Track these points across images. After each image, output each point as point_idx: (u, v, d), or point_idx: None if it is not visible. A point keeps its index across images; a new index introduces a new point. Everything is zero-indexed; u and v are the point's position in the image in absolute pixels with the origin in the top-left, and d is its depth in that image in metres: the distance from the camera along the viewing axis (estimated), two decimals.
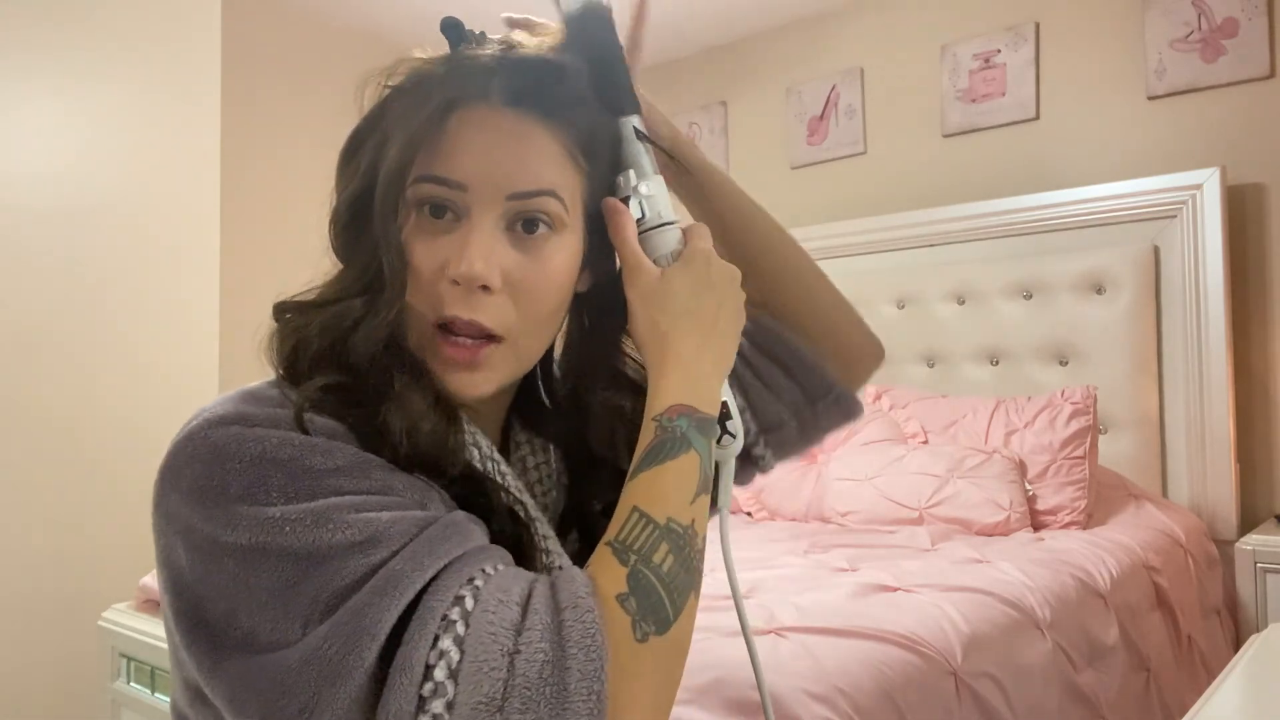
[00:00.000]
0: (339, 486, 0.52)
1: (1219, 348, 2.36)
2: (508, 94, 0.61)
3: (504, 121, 0.61)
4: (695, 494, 0.57)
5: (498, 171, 0.60)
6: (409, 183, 0.59)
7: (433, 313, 0.60)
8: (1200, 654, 2.09)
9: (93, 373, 2.18)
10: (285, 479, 0.51)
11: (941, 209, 2.85)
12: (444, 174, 0.59)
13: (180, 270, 2.34)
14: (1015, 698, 1.41)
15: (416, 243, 0.60)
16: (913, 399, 2.66)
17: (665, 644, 0.52)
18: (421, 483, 0.56)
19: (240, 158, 2.92)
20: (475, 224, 0.59)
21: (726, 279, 0.65)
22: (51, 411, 2.12)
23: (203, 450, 0.53)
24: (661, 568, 0.53)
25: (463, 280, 0.58)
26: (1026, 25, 2.81)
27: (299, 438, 0.53)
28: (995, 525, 2.15)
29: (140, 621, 1.79)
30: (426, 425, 0.57)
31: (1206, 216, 2.38)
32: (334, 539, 0.49)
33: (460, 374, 0.61)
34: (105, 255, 2.21)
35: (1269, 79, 2.42)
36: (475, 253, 0.58)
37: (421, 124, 0.59)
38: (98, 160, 2.21)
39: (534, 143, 0.61)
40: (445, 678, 0.47)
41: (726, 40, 3.52)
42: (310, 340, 0.59)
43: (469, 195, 0.59)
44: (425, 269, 0.59)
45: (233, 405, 0.55)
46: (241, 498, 0.51)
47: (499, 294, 0.60)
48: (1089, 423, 2.28)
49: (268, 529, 0.50)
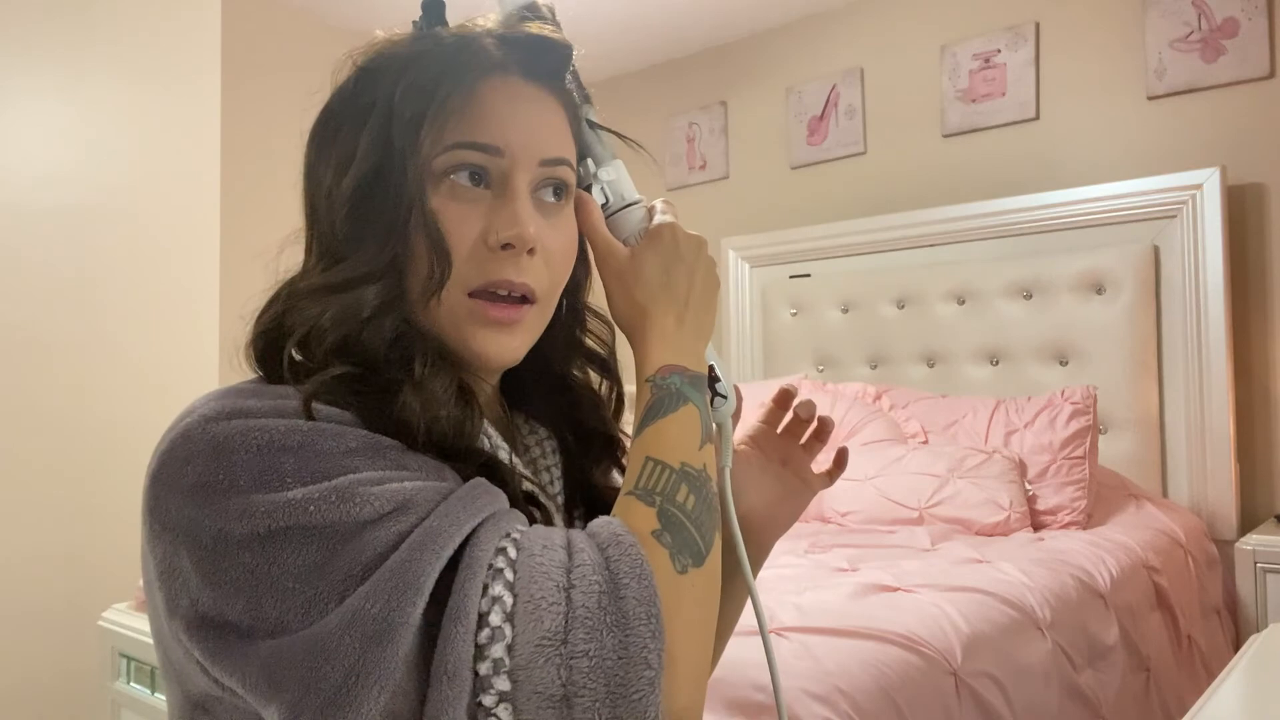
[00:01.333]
0: (354, 465, 0.51)
1: (1219, 348, 2.36)
2: (523, 65, 0.63)
3: (528, 89, 0.63)
4: (701, 442, 0.58)
5: (532, 137, 0.61)
6: (438, 153, 0.59)
7: (475, 279, 0.59)
8: (1200, 654, 2.09)
9: (92, 373, 2.18)
10: (298, 463, 0.50)
11: (941, 209, 2.85)
12: (480, 140, 0.59)
13: (180, 270, 2.34)
14: (1015, 698, 1.41)
15: (451, 215, 0.59)
16: (913, 399, 2.66)
17: (703, 576, 0.53)
18: (435, 463, 0.55)
19: (240, 158, 2.92)
20: (517, 188, 0.60)
21: (694, 248, 0.66)
22: (51, 411, 2.12)
23: (202, 447, 0.51)
24: (686, 505, 0.54)
25: (517, 243, 0.59)
26: (1026, 25, 2.81)
27: (306, 424, 0.52)
28: (995, 525, 2.15)
29: (140, 621, 1.79)
30: (445, 413, 0.57)
31: (1206, 216, 2.38)
32: (361, 513, 0.48)
33: (502, 336, 0.60)
34: (105, 255, 2.21)
35: (1269, 79, 2.42)
36: (527, 216, 0.59)
37: (453, 95, 0.59)
38: (97, 160, 2.21)
39: (552, 113, 0.64)
40: (502, 621, 0.47)
41: (726, 40, 3.52)
42: (324, 331, 0.57)
43: (505, 160, 0.60)
44: (464, 237, 0.59)
45: (229, 400, 0.53)
46: (253, 487, 0.49)
47: (537, 258, 0.61)
48: (1089, 423, 2.28)
49: (288, 512, 0.48)
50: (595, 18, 3.26)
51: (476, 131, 0.59)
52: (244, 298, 0.66)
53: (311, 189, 0.63)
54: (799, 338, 3.14)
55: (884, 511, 2.27)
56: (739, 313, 3.35)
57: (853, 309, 3.02)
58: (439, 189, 0.59)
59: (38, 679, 2.08)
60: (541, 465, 0.70)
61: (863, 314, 2.99)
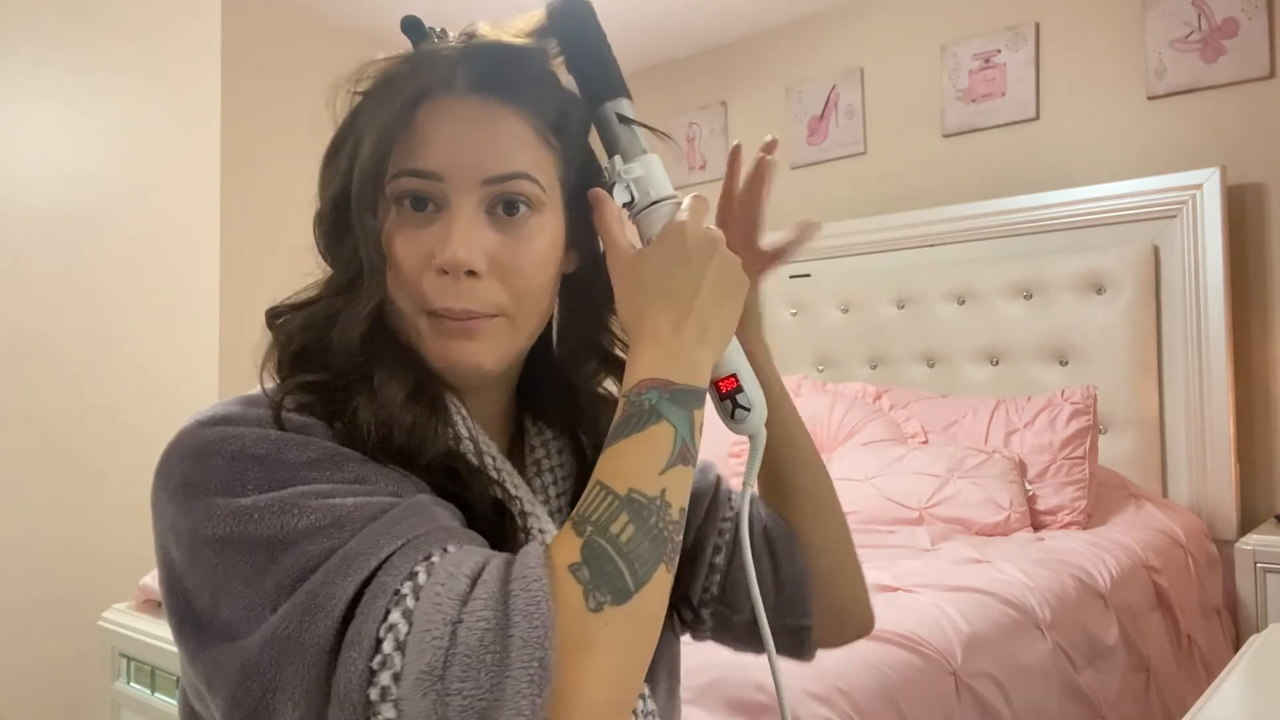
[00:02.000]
0: (311, 477, 0.53)
1: (1219, 348, 2.36)
2: (472, 82, 0.62)
3: (470, 108, 0.62)
4: (667, 464, 0.55)
5: (470, 158, 0.61)
6: (387, 179, 0.60)
7: (422, 305, 0.61)
8: (1200, 654, 2.09)
9: (92, 373, 2.18)
10: (261, 472, 0.52)
11: (941, 209, 2.85)
12: (419, 166, 0.60)
13: (180, 271, 2.34)
14: (1015, 698, 1.41)
15: (398, 236, 0.61)
16: (913, 399, 2.66)
17: (623, 615, 0.50)
18: (398, 474, 0.56)
19: (240, 158, 2.92)
20: (455, 211, 0.60)
21: (704, 247, 0.62)
22: (51, 412, 2.12)
23: (190, 449, 0.54)
24: (620, 537, 0.52)
25: (449, 268, 0.59)
26: (1026, 25, 2.80)
27: (276, 433, 0.54)
28: (995, 525, 2.15)
29: (140, 621, 1.79)
30: (407, 418, 0.58)
31: (1206, 216, 2.38)
32: (298, 524, 0.50)
33: (459, 343, 0.61)
34: (105, 256, 2.21)
35: (1269, 79, 2.42)
36: (458, 239, 0.59)
37: (391, 120, 0.60)
38: (97, 160, 2.21)
39: (502, 127, 0.62)
40: (393, 649, 0.47)
41: (726, 40, 3.52)
42: (292, 337, 0.61)
43: (445, 185, 0.60)
44: (409, 261, 0.60)
45: (222, 408, 0.57)
46: (220, 491, 0.52)
47: (487, 278, 0.61)
48: (1089, 423, 2.28)
49: (239, 519, 0.51)
50: None
51: (412, 158, 0.60)
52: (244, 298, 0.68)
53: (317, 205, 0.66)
54: (799, 338, 3.14)
55: (884, 511, 2.27)
56: None
57: (853, 309, 3.02)
58: (391, 215, 0.61)
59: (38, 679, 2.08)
60: (545, 465, 0.70)
61: (863, 314, 2.99)
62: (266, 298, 0.65)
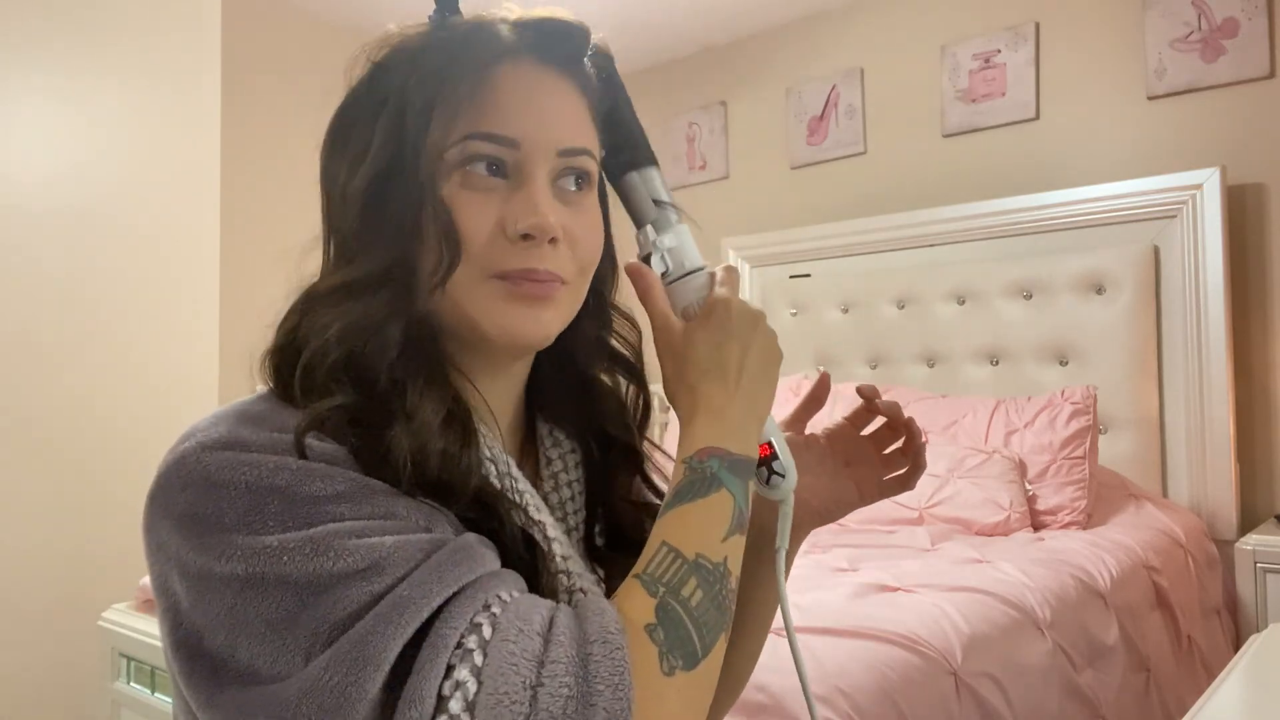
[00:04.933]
0: (338, 513, 0.49)
1: (1219, 348, 2.36)
2: (544, 52, 0.61)
3: (543, 76, 0.60)
4: (728, 533, 0.55)
5: (549, 127, 0.59)
6: (451, 144, 0.57)
7: (493, 267, 0.58)
8: (1200, 654, 2.09)
9: (92, 373, 2.18)
10: (282, 506, 0.49)
11: (941, 209, 2.85)
12: (499, 130, 0.57)
13: (180, 270, 2.34)
14: (1015, 698, 1.41)
15: (465, 204, 0.57)
16: (913, 399, 2.66)
17: (692, 680, 0.50)
18: (428, 507, 0.53)
19: (240, 158, 2.92)
20: (534, 178, 0.58)
21: (748, 324, 0.63)
22: (51, 412, 2.12)
23: (196, 476, 0.50)
24: (690, 601, 0.51)
25: (536, 233, 0.57)
26: (1026, 25, 2.80)
27: (295, 462, 0.50)
28: (995, 525, 2.15)
29: (140, 621, 1.79)
30: (437, 445, 0.55)
31: (1206, 216, 2.38)
32: (334, 567, 0.47)
33: (534, 310, 0.59)
34: (105, 256, 2.21)
35: (1269, 79, 2.42)
36: (546, 206, 0.58)
37: (464, 83, 0.57)
38: (97, 161, 2.21)
39: (573, 101, 0.62)
40: (461, 710, 0.44)
41: (726, 40, 3.52)
42: (329, 346, 0.55)
43: (521, 152, 0.58)
44: (480, 229, 0.57)
45: (227, 427, 0.53)
46: (237, 526, 0.48)
47: (561, 247, 0.59)
48: (1089, 423, 2.28)
49: (265, 558, 0.47)
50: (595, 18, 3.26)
51: (490, 121, 0.57)
52: (244, 298, 0.66)
53: (327, 188, 0.62)
54: (799, 338, 3.14)
55: (884, 511, 2.27)
56: None
57: (853, 309, 3.02)
58: (453, 179, 0.57)
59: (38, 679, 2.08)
60: (563, 480, 0.68)
61: (863, 314, 2.99)
62: (267, 298, 0.61)
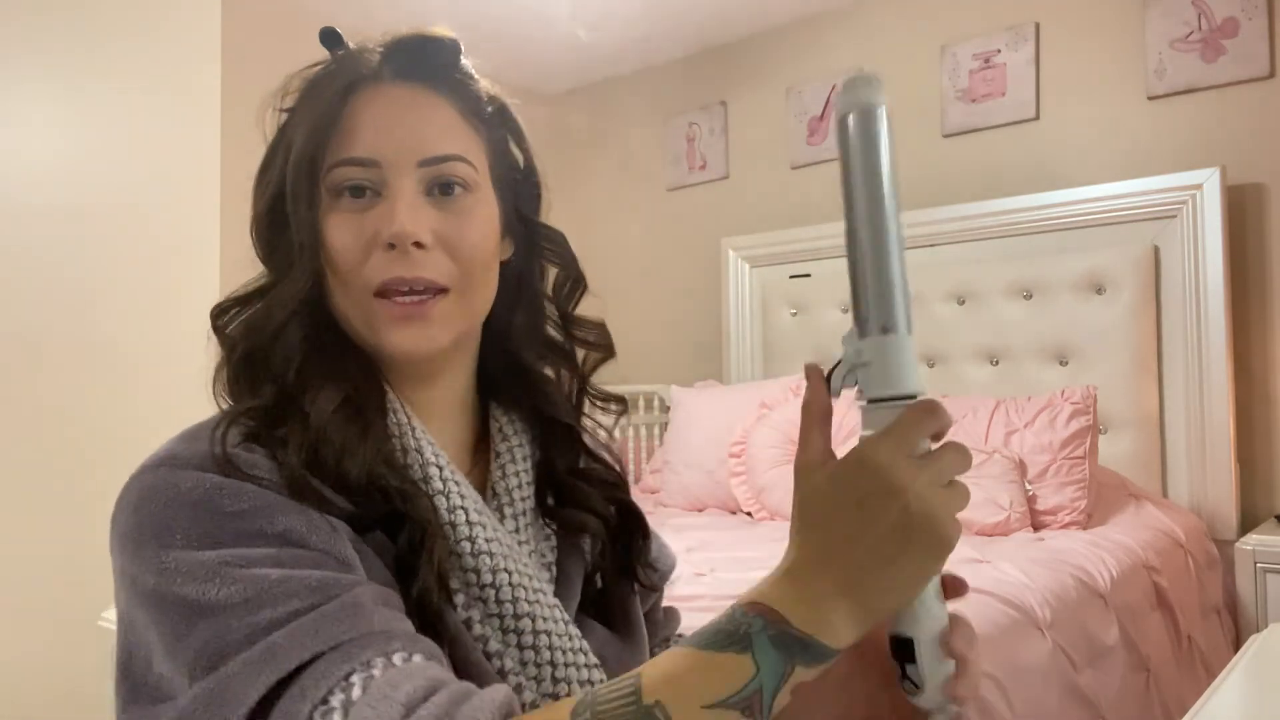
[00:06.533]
0: (241, 529, 0.51)
1: (1219, 348, 2.36)
2: (397, 71, 0.64)
3: (400, 95, 0.64)
4: (719, 700, 0.46)
5: (405, 142, 0.62)
6: (323, 174, 0.61)
7: (374, 281, 0.61)
8: (1200, 654, 2.09)
9: (91, 373, 2.18)
10: (190, 522, 0.51)
11: (941, 209, 2.85)
12: (354, 154, 0.61)
13: (180, 270, 2.34)
14: (1015, 698, 1.41)
15: (338, 224, 0.61)
16: None
17: None
18: (328, 526, 0.54)
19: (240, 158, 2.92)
20: (396, 191, 0.61)
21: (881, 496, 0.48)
22: (50, 412, 2.12)
23: (133, 495, 0.54)
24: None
25: (397, 240, 0.60)
26: (1026, 25, 2.80)
27: (212, 479, 0.53)
28: (995, 525, 2.15)
29: None
30: (336, 438, 0.57)
31: (1206, 216, 2.38)
32: (218, 595, 0.49)
33: (411, 328, 0.61)
34: (105, 256, 2.21)
35: (1269, 79, 2.42)
36: (404, 213, 0.60)
37: (321, 115, 0.61)
38: (97, 160, 2.21)
39: (432, 111, 0.64)
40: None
41: (726, 40, 3.52)
42: (235, 344, 0.61)
43: (383, 170, 0.61)
44: (352, 245, 0.61)
45: (170, 446, 0.56)
46: (152, 539, 0.51)
47: (433, 250, 0.61)
48: (1089, 423, 2.28)
49: (166, 575, 0.50)
50: (596, 19, 3.26)
51: (349, 147, 0.61)
52: None
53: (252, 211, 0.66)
54: (799, 338, 3.14)
55: None
56: (739, 313, 3.35)
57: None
58: (330, 207, 0.62)
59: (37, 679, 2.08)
60: (510, 470, 0.69)
61: None
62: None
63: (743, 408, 2.78)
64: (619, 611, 0.71)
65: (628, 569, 0.73)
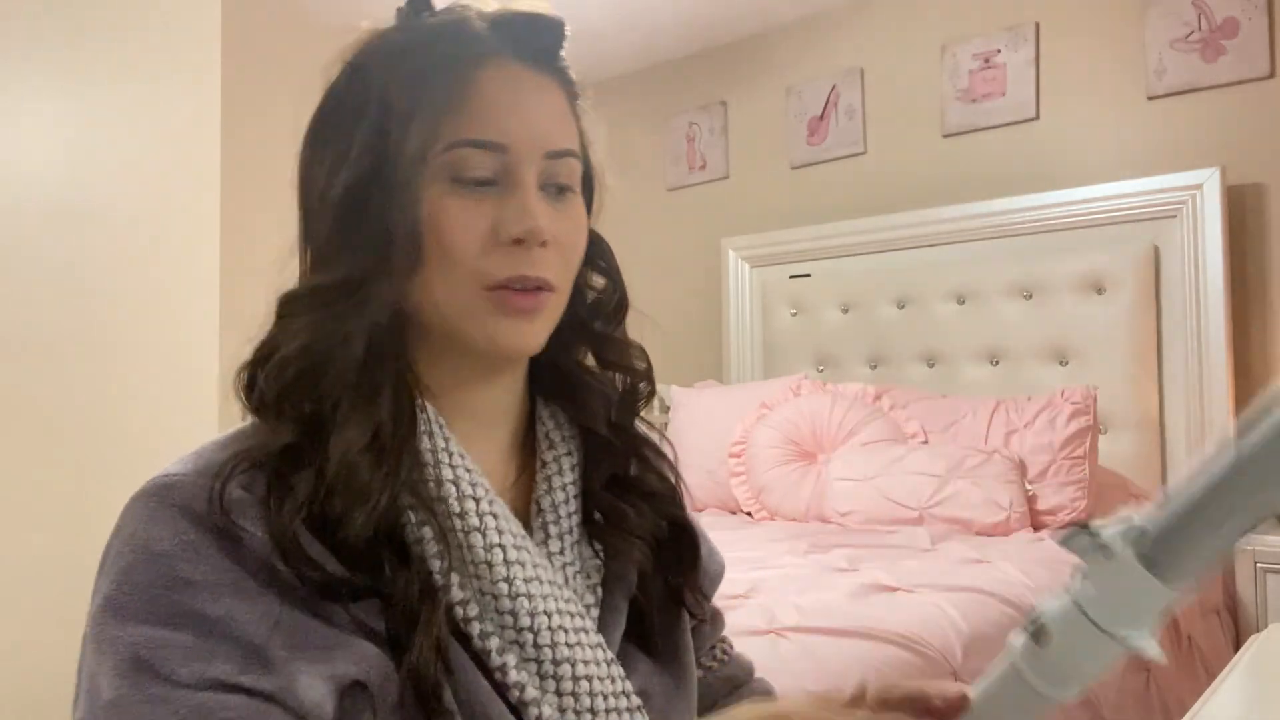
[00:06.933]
0: (180, 604, 0.48)
1: (1219, 348, 2.36)
2: (523, 49, 0.59)
3: (524, 76, 0.59)
4: None
5: (533, 128, 0.58)
6: (437, 151, 0.56)
7: (490, 276, 0.57)
8: (1200, 654, 2.09)
9: (91, 373, 2.18)
10: (143, 576, 0.49)
11: (941, 209, 2.85)
12: (484, 137, 0.56)
13: (180, 271, 2.34)
14: None
15: (453, 211, 0.56)
16: (913, 399, 2.66)
17: None
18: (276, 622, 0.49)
19: (240, 158, 2.92)
20: (523, 182, 0.57)
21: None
22: (50, 411, 2.12)
23: (120, 524, 0.52)
24: None
25: (529, 237, 0.56)
26: (1026, 25, 2.80)
27: (188, 533, 0.49)
28: (995, 525, 2.15)
29: None
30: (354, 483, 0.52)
31: (1206, 216, 2.38)
32: (102, 684, 0.47)
33: (524, 323, 0.58)
34: (104, 256, 2.21)
35: (1269, 79, 2.42)
36: (538, 209, 0.57)
37: (443, 85, 0.56)
38: (96, 161, 2.21)
39: (551, 98, 0.60)
40: None
41: (726, 40, 3.52)
42: (289, 360, 0.54)
43: (509, 157, 0.57)
44: (469, 236, 0.56)
45: (181, 468, 0.53)
46: (109, 585, 0.50)
47: (550, 248, 0.58)
48: (1089, 423, 2.28)
49: (105, 653, 0.48)
50: (594, 18, 3.26)
51: (477, 128, 0.56)
52: (244, 299, 0.65)
53: (305, 193, 0.60)
54: (799, 338, 3.14)
55: (884, 511, 2.27)
56: (739, 313, 3.35)
57: (853, 309, 3.02)
58: (438, 187, 0.56)
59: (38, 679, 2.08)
60: (556, 484, 0.65)
61: (863, 314, 2.99)
62: (267, 298, 0.60)
63: (743, 408, 2.78)
64: (664, 637, 0.66)
65: (676, 593, 0.67)
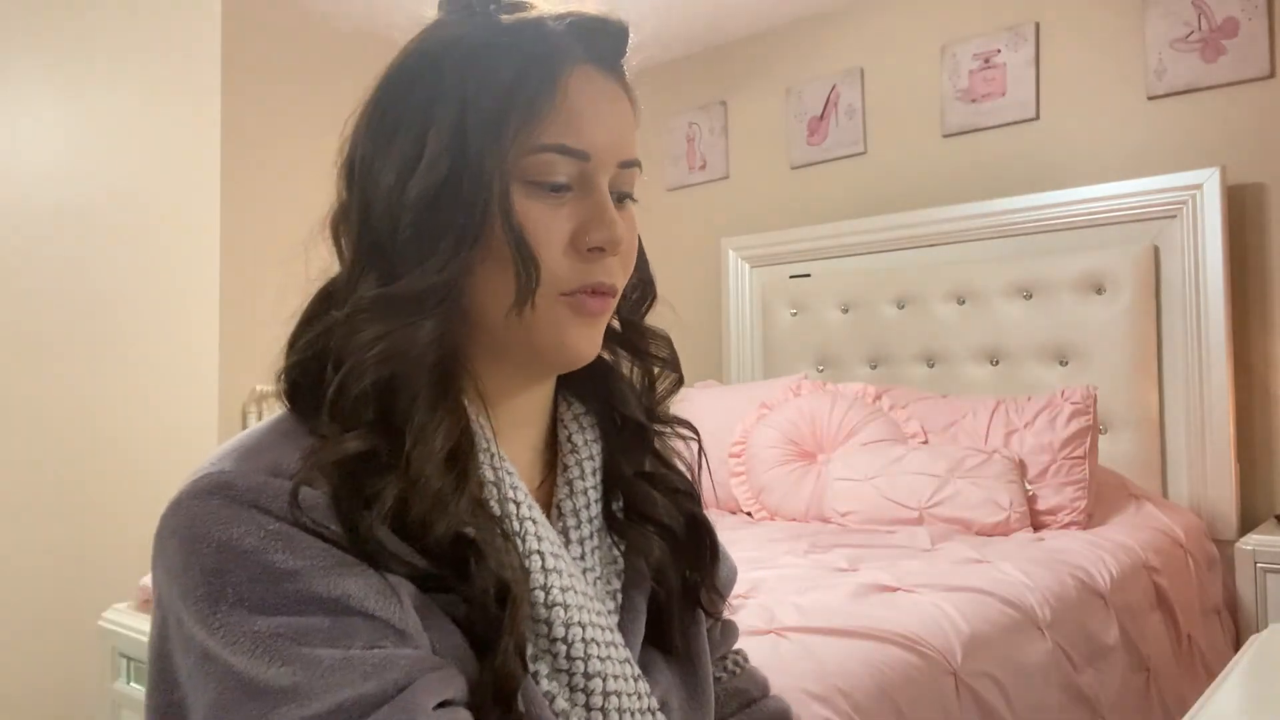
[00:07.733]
0: (295, 593, 0.48)
1: (1219, 348, 2.36)
2: (599, 56, 0.60)
3: (609, 86, 0.60)
4: None
5: (614, 139, 0.59)
6: (525, 154, 0.55)
7: (568, 283, 0.57)
8: (1200, 654, 2.09)
9: (92, 373, 2.18)
10: (243, 573, 0.48)
11: (941, 209, 2.85)
12: (571, 144, 0.56)
13: (180, 270, 2.34)
14: (1015, 698, 1.41)
15: (536, 218, 0.56)
16: (913, 399, 2.66)
17: None
18: (387, 588, 0.50)
19: (240, 158, 2.92)
20: (600, 190, 0.58)
21: None
22: (51, 411, 2.12)
23: (182, 525, 0.50)
24: None
25: (609, 247, 0.58)
26: (1026, 25, 2.80)
27: (269, 525, 0.49)
28: (995, 525, 2.15)
29: (140, 621, 1.79)
30: (432, 486, 0.52)
31: (1206, 216, 2.38)
32: (267, 675, 0.46)
33: (591, 329, 0.59)
34: (105, 256, 2.21)
35: (1269, 79, 2.42)
36: (618, 219, 0.58)
37: (536, 91, 0.55)
38: (98, 161, 2.21)
39: (627, 110, 0.62)
40: None
41: (726, 40, 3.52)
42: (365, 369, 0.52)
43: (590, 164, 0.58)
44: (553, 245, 0.56)
45: (224, 465, 0.52)
46: (203, 589, 0.48)
47: (618, 257, 0.60)
48: (1089, 423, 2.28)
49: (216, 637, 0.47)
50: None
51: (565, 134, 0.56)
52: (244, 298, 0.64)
53: (366, 189, 0.57)
54: (799, 338, 3.14)
55: (884, 511, 2.27)
56: (739, 313, 3.35)
57: (853, 309, 3.02)
58: (518, 190, 0.56)
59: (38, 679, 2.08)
60: (579, 487, 0.65)
61: (863, 314, 2.99)
62: (267, 298, 0.61)
63: (743, 408, 2.78)
64: (681, 639, 0.67)
65: (693, 590, 0.68)
